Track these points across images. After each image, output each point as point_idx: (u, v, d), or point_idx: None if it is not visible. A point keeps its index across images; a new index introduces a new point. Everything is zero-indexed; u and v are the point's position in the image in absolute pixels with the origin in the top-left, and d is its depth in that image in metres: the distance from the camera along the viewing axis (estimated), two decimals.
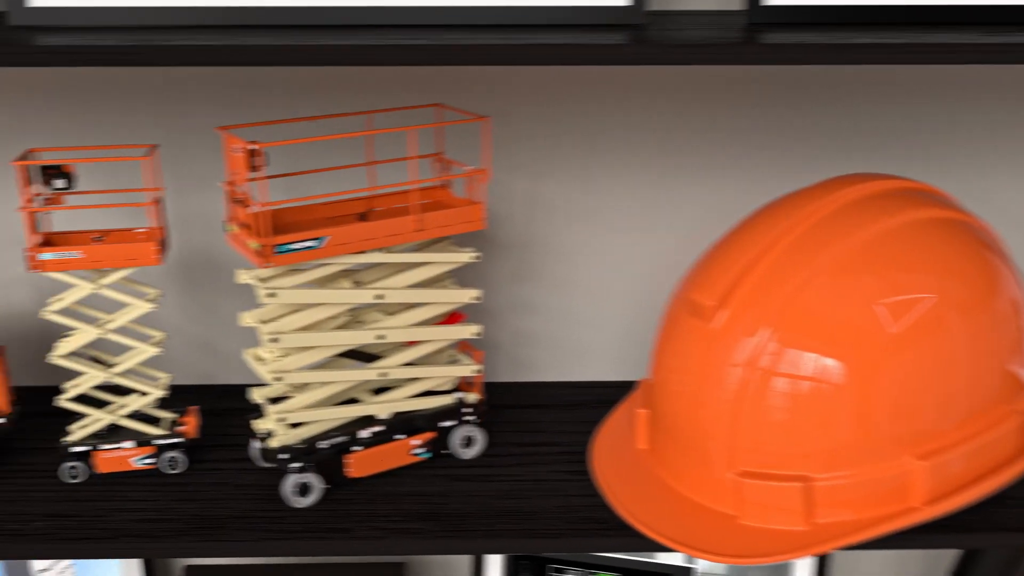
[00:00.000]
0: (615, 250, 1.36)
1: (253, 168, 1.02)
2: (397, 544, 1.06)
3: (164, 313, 1.38)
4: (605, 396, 1.38)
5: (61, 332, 1.39)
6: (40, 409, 1.33)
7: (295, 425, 1.14)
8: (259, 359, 1.11)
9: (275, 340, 1.06)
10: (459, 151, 1.30)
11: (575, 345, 1.41)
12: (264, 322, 1.09)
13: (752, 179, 1.34)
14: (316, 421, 1.13)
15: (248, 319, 1.11)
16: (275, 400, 1.15)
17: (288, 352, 1.10)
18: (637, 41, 0.96)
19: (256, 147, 0.99)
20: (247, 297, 1.38)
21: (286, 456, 1.10)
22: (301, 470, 1.11)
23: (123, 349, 1.38)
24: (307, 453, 1.11)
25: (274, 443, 1.11)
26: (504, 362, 1.42)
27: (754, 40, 0.98)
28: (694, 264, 1.14)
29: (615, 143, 1.31)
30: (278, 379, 1.08)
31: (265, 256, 1.02)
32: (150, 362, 1.40)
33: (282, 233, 1.05)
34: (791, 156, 1.33)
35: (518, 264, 1.37)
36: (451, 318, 1.21)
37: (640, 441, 1.19)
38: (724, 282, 1.05)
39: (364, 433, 1.14)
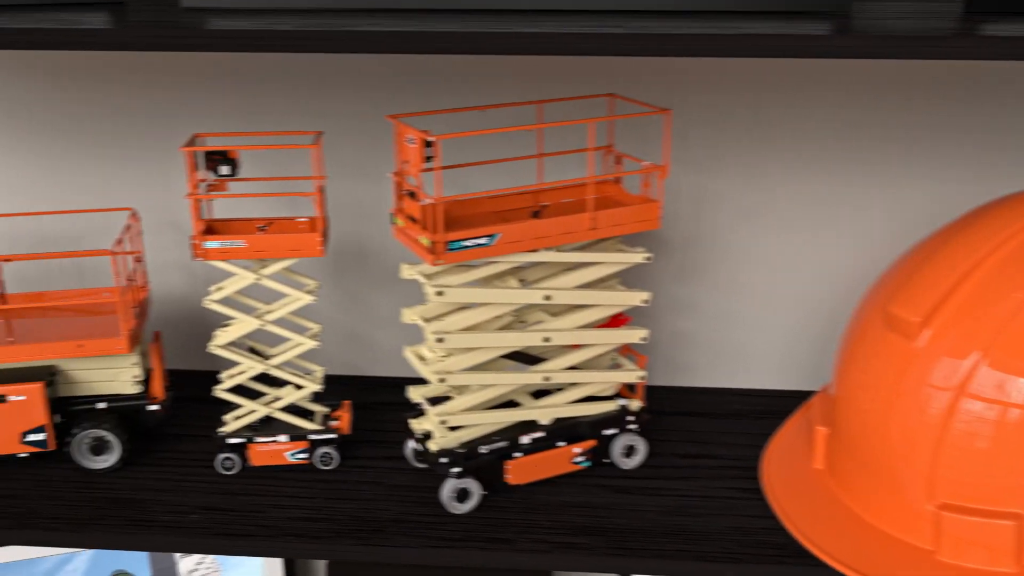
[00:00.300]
0: (786, 251, 1.28)
1: (426, 159, 0.97)
2: (562, 559, 1.00)
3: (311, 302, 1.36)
4: (769, 406, 1.30)
5: (212, 317, 1.37)
6: (190, 394, 1.32)
7: (454, 427, 1.09)
8: (421, 357, 1.07)
9: (440, 340, 1.02)
10: (627, 144, 1.23)
11: (737, 350, 1.33)
12: (427, 320, 1.05)
13: (947, 181, 1.23)
14: (477, 424, 1.08)
15: (410, 316, 1.06)
16: (434, 400, 1.10)
17: (452, 352, 1.05)
18: (842, 32, 0.88)
19: (433, 138, 0.94)
20: (396, 289, 1.34)
21: (446, 460, 1.06)
22: (461, 475, 1.06)
23: (275, 340, 1.36)
24: (467, 458, 1.06)
25: (433, 446, 1.07)
26: (660, 364, 1.35)
27: (974, 32, 0.88)
28: (891, 272, 1.05)
29: (792, 136, 1.22)
30: (441, 380, 1.03)
31: (437, 253, 0.97)
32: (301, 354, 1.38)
33: (449, 229, 1.00)
34: (997, 158, 1.22)
35: (681, 262, 1.29)
36: (614, 320, 1.14)
37: (817, 460, 1.11)
38: (930, 297, 0.96)
39: (525, 439, 1.09)
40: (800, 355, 1.33)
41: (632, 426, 1.14)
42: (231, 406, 1.20)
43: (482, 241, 0.99)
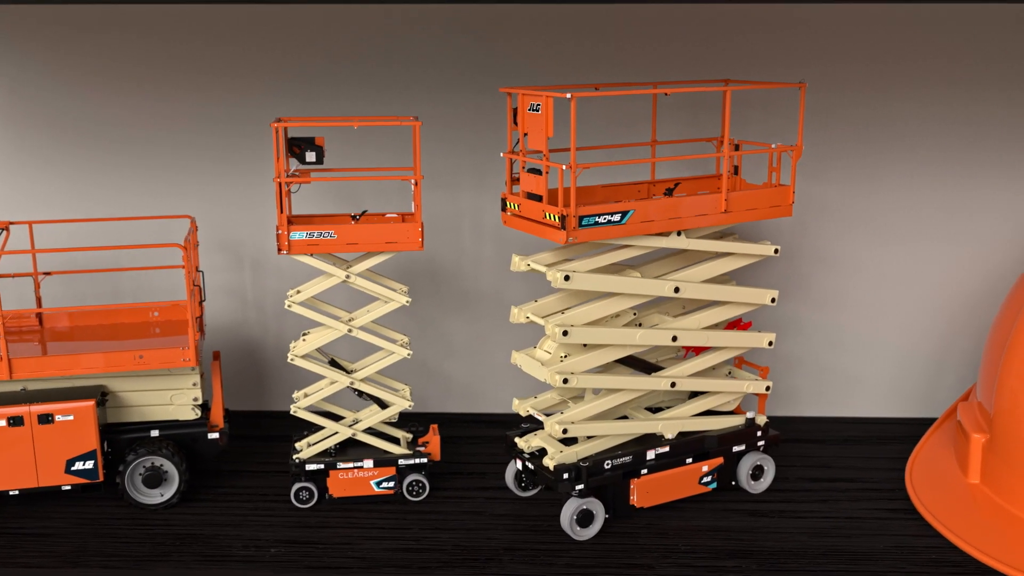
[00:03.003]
0: (896, 263, 1.18)
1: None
2: None
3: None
4: (885, 432, 1.18)
5: (262, 350, 1.23)
6: (239, 433, 1.17)
7: (570, 443, 0.96)
8: (535, 359, 0.94)
9: (566, 333, 0.90)
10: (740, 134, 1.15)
11: (840, 374, 1.22)
12: (544, 316, 0.93)
13: None
14: (600, 437, 0.95)
15: (520, 314, 0.94)
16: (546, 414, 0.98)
17: (572, 351, 0.93)
18: None
19: (568, 95, 0.84)
20: (471, 315, 1.21)
21: (569, 476, 0.92)
22: (584, 494, 0.93)
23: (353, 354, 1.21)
24: (592, 474, 0.93)
25: (550, 462, 0.93)
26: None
27: None
28: None
29: (906, 137, 1.14)
30: (564, 381, 0.91)
31: (569, 228, 0.86)
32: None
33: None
34: None
35: (782, 276, 1.19)
36: (734, 326, 1.03)
37: (972, 475, 0.99)
38: None
39: (650, 454, 0.97)
40: (912, 380, 1.22)
41: (760, 443, 1.02)
42: (303, 431, 1.04)
43: (615, 218, 0.89)
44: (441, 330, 1.23)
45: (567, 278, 0.89)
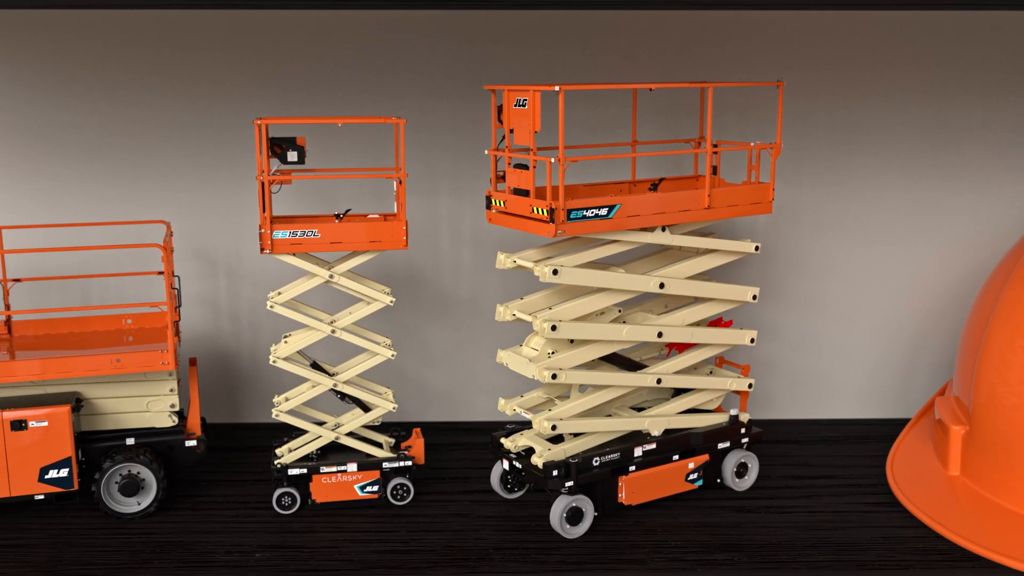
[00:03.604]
0: (868, 264, 1.20)
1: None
2: None
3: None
4: (860, 433, 1.19)
5: (235, 360, 1.21)
6: (212, 445, 1.15)
7: (557, 441, 0.96)
8: (522, 357, 0.94)
9: (554, 328, 0.90)
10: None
11: (816, 377, 1.23)
12: (532, 313, 0.93)
13: None
14: (587, 434, 0.95)
15: (506, 312, 0.94)
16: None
17: (560, 347, 0.93)
18: None
19: (558, 88, 0.85)
20: (450, 322, 1.21)
21: (558, 473, 0.92)
22: (574, 491, 0.92)
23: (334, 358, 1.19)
24: (581, 471, 0.93)
25: (539, 460, 0.93)
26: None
27: None
28: None
29: (876, 141, 1.17)
30: (553, 376, 0.91)
31: (558, 221, 0.86)
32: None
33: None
34: None
35: (756, 279, 1.20)
36: (714, 324, 1.04)
37: (952, 467, 1.01)
38: None
39: (637, 451, 0.96)
40: (886, 382, 1.23)
41: (744, 440, 1.03)
42: (285, 437, 1.02)
43: (602, 212, 0.89)
44: (419, 338, 1.22)
45: (555, 272, 0.89)
